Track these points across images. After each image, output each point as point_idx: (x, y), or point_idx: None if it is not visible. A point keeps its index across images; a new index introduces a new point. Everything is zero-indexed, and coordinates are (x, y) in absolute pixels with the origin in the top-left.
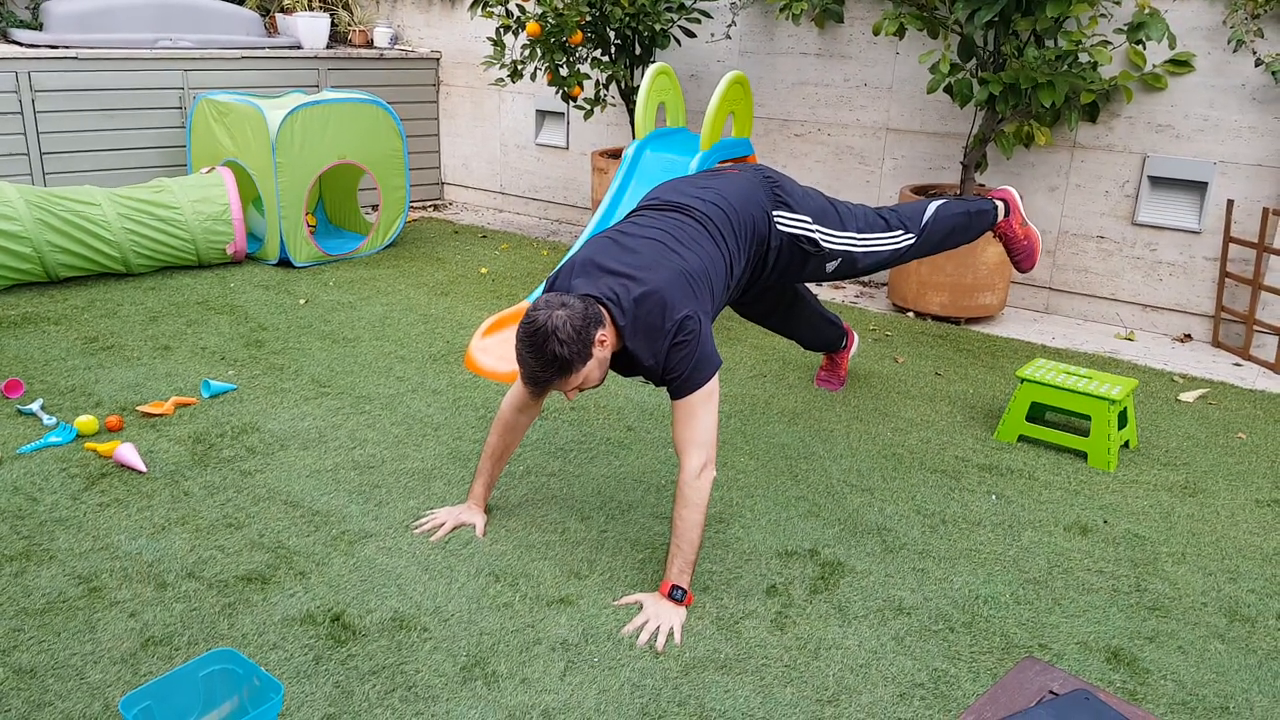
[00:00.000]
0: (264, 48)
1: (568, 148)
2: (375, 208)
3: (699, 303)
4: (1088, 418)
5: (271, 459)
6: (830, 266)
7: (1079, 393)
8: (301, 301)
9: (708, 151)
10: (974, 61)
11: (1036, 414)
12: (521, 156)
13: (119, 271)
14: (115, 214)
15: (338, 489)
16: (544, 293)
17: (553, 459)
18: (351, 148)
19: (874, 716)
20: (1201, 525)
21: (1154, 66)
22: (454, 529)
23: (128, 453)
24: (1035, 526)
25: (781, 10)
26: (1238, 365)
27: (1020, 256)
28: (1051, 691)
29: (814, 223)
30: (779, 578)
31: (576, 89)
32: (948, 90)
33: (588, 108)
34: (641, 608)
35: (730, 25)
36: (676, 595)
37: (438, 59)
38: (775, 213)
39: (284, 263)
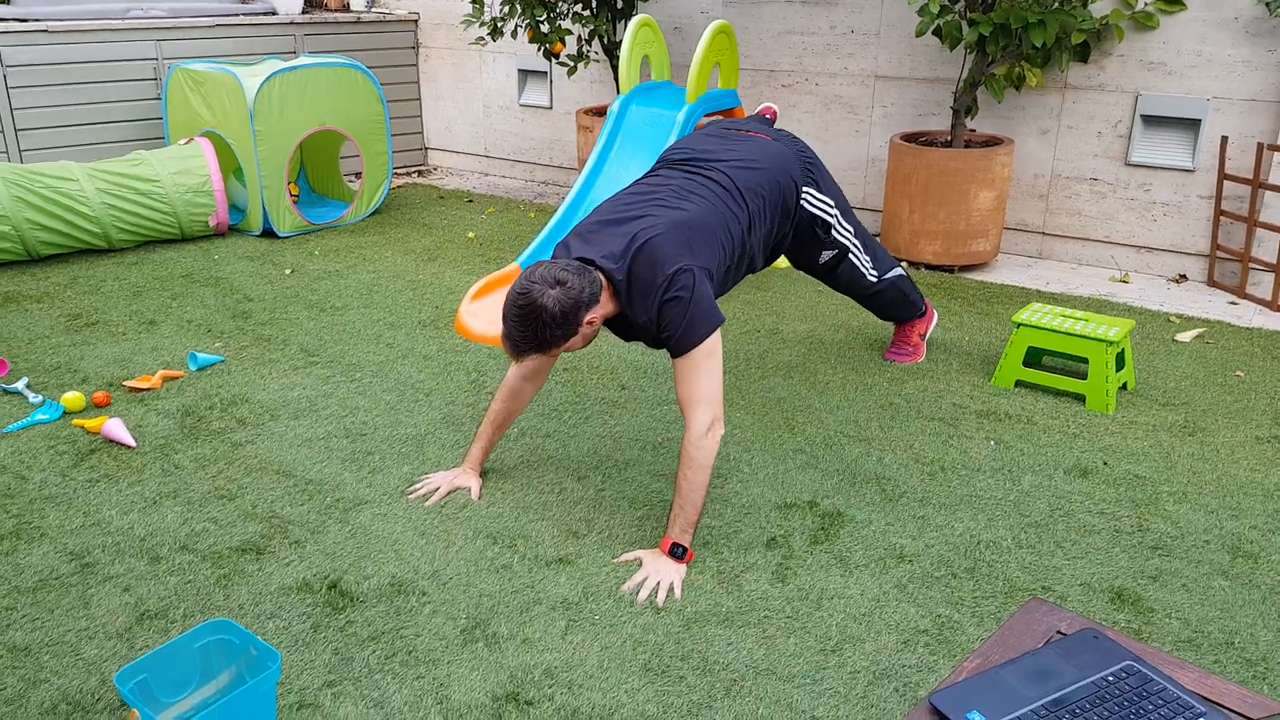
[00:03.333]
0: (238, 15)
1: (551, 107)
2: (358, 175)
3: (696, 257)
4: (1085, 360)
5: (262, 429)
6: (825, 256)
7: (1076, 335)
8: (287, 271)
9: (694, 104)
10: (962, 3)
11: (1033, 359)
12: (505, 118)
13: (100, 247)
14: (94, 189)
15: (330, 457)
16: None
17: (547, 420)
18: (331, 114)
19: (878, 664)
20: (1202, 464)
21: (1146, 4)
22: (449, 493)
23: (116, 428)
24: (1035, 470)
25: None
26: (1234, 304)
27: (899, 352)
28: (1059, 632)
29: (834, 208)
30: (779, 530)
31: (558, 45)
32: (936, 33)
33: (571, 65)
34: (641, 564)
35: None
36: (677, 552)
37: (416, 20)
38: (805, 188)
39: (268, 233)
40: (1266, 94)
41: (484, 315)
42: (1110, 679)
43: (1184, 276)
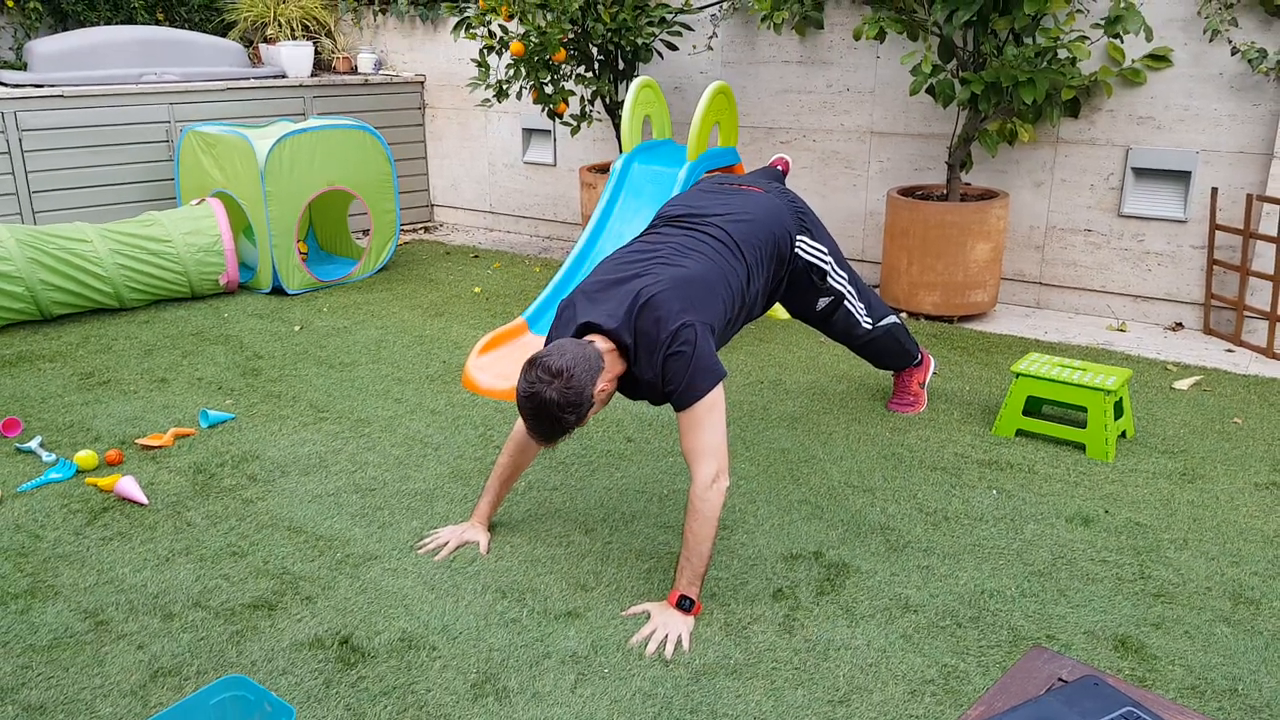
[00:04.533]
0: (248, 78)
1: (555, 164)
2: (366, 232)
3: (699, 312)
4: (1084, 409)
5: (273, 486)
6: (822, 303)
7: (1074, 385)
8: (296, 328)
9: (695, 162)
10: (954, 62)
11: (1033, 408)
12: (510, 175)
13: (112, 306)
14: (107, 249)
15: (340, 513)
16: (552, 325)
17: (554, 473)
18: (340, 174)
19: (886, 714)
20: (1202, 511)
21: (1133, 61)
22: (458, 548)
23: (128, 486)
24: (1037, 519)
25: (763, 20)
26: (1230, 351)
27: (900, 402)
28: (1060, 679)
29: (828, 255)
30: (785, 581)
31: (562, 106)
32: (930, 91)
33: (574, 124)
34: (649, 617)
35: (712, 37)
36: (684, 605)
37: (422, 82)
38: (799, 237)
39: (277, 290)
40: (1253, 146)
41: (491, 369)
42: None
43: (1180, 325)
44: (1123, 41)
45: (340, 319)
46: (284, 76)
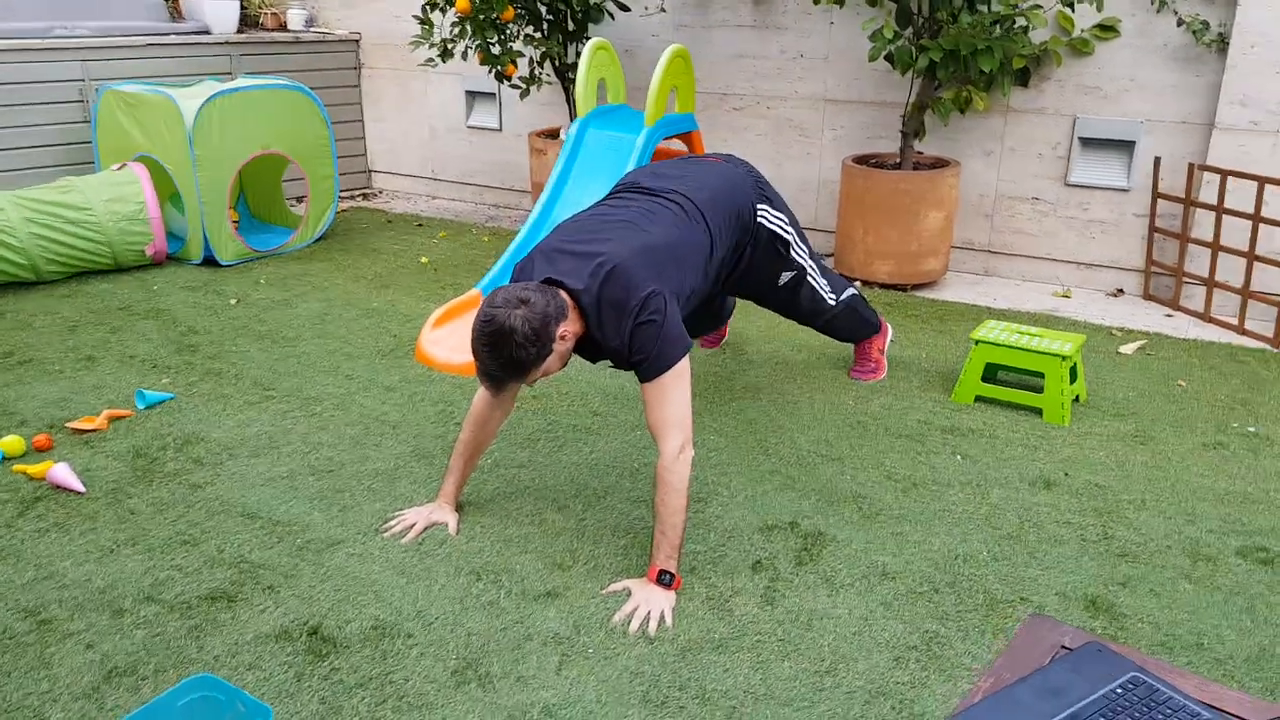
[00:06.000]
0: (169, 34)
1: (501, 129)
2: (301, 199)
3: (665, 280)
4: (1041, 375)
5: (221, 469)
6: (785, 278)
7: (1032, 351)
8: (233, 301)
9: (653, 128)
10: (911, 29)
11: (989, 374)
12: (453, 140)
13: (28, 279)
14: (20, 218)
15: (297, 496)
16: (509, 282)
17: (520, 449)
18: (274, 137)
19: (872, 683)
20: (1156, 472)
21: (1082, 31)
22: (425, 529)
23: (62, 473)
24: (1002, 484)
25: None
26: (1169, 316)
27: (862, 369)
28: (1064, 646)
29: (790, 226)
30: (763, 552)
31: (510, 68)
32: (888, 58)
33: (523, 87)
34: (630, 594)
35: None
36: (665, 580)
37: (358, 41)
38: (759, 205)
39: (209, 262)
40: (1195, 117)
41: (447, 343)
42: (1119, 691)
43: (1121, 290)
44: (1074, 11)
45: (279, 291)
46: (208, 33)
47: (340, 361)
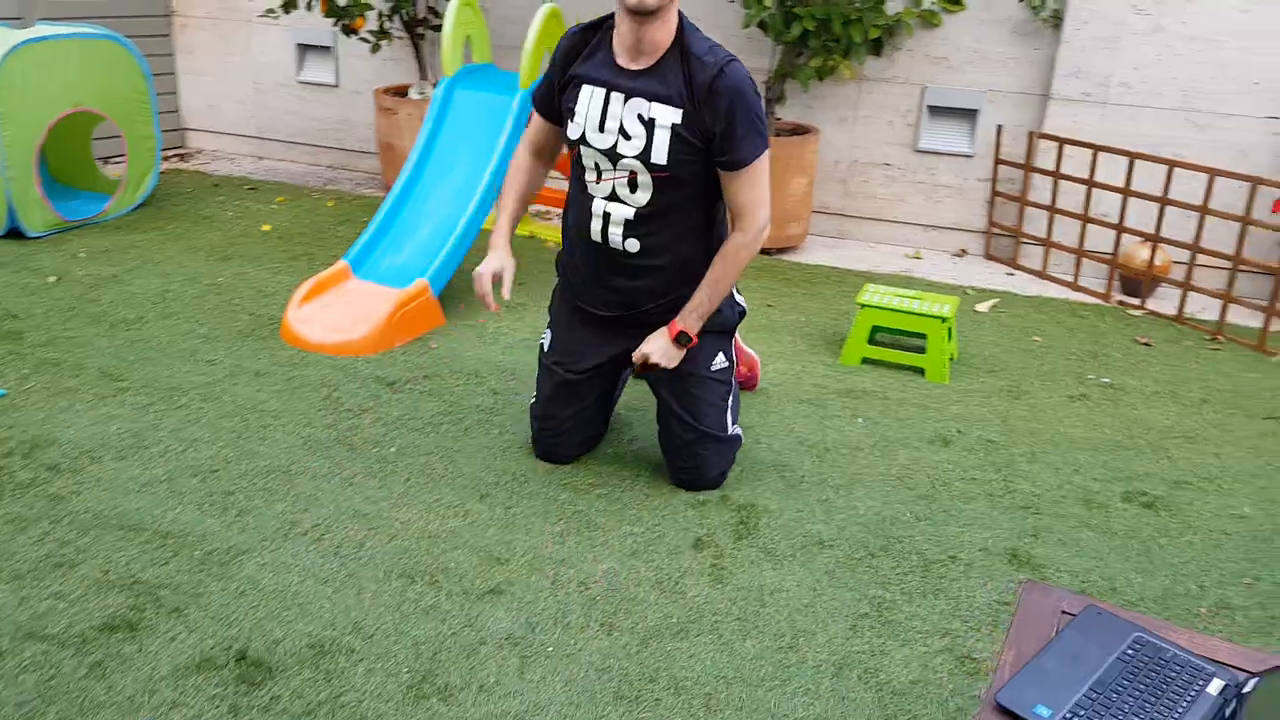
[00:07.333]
0: None
1: (338, 85)
2: (108, 160)
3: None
4: (923, 336)
5: (84, 475)
6: (718, 363)
7: (915, 314)
8: (51, 279)
9: (527, 90)
10: None
11: (870, 336)
12: (281, 97)
13: None
14: None
15: (181, 502)
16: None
17: (423, 435)
18: (87, 92)
19: (835, 654)
20: (1035, 425)
21: (932, 3)
22: (510, 282)
23: None
24: (905, 444)
25: None
26: (1010, 274)
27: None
28: (1064, 611)
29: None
30: (701, 529)
31: (359, 20)
32: (761, 25)
33: (373, 41)
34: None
35: None
36: (683, 340)
37: None
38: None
39: (14, 233)
40: (1032, 88)
41: (317, 321)
42: (1130, 653)
43: (965, 251)
44: None
45: (106, 266)
46: None
47: (196, 345)
